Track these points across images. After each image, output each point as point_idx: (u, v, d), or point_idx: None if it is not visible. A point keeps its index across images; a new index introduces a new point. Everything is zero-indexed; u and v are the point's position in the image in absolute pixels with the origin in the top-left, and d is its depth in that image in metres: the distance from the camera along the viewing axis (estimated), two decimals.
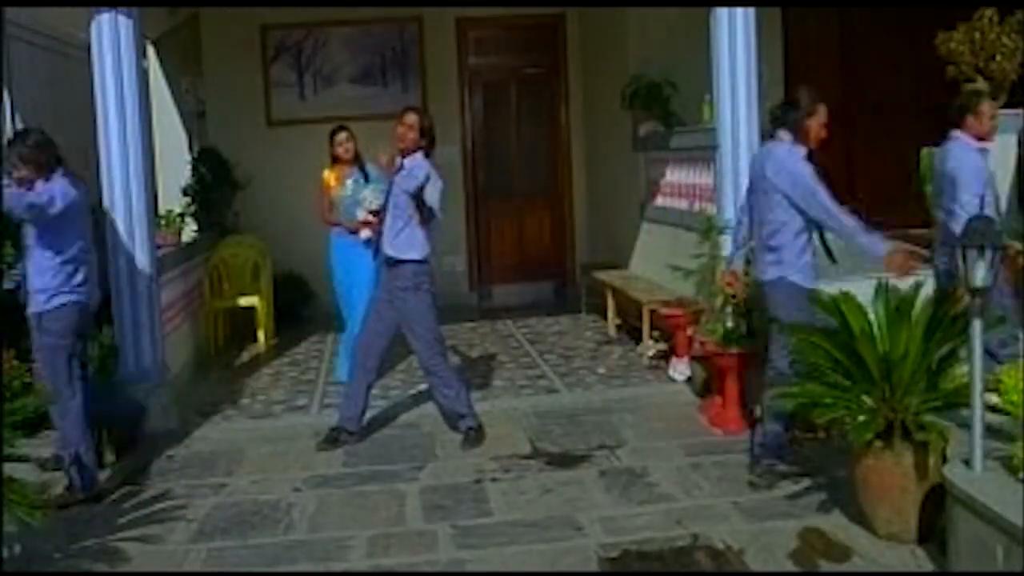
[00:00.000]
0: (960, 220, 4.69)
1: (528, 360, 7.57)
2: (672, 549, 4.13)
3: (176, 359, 6.83)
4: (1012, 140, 6.31)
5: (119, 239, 5.96)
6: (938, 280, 5.40)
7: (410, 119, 5.51)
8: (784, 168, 4.57)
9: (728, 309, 5.82)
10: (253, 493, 5.04)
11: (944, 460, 3.96)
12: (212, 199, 9.03)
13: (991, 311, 4.10)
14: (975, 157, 5.19)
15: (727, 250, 5.54)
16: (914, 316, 4.24)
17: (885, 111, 9.04)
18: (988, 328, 3.79)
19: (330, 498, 4.92)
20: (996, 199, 5.41)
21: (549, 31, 10.22)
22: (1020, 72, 6.78)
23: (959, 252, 3.72)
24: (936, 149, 5.55)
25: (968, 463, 3.65)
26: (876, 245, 4.47)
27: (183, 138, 9.98)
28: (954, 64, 6.85)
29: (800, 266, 4.61)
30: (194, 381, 7.29)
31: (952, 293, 4.40)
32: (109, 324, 5.96)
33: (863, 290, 4.50)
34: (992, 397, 3.90)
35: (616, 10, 8.66)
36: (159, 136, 9.28)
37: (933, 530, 3.98)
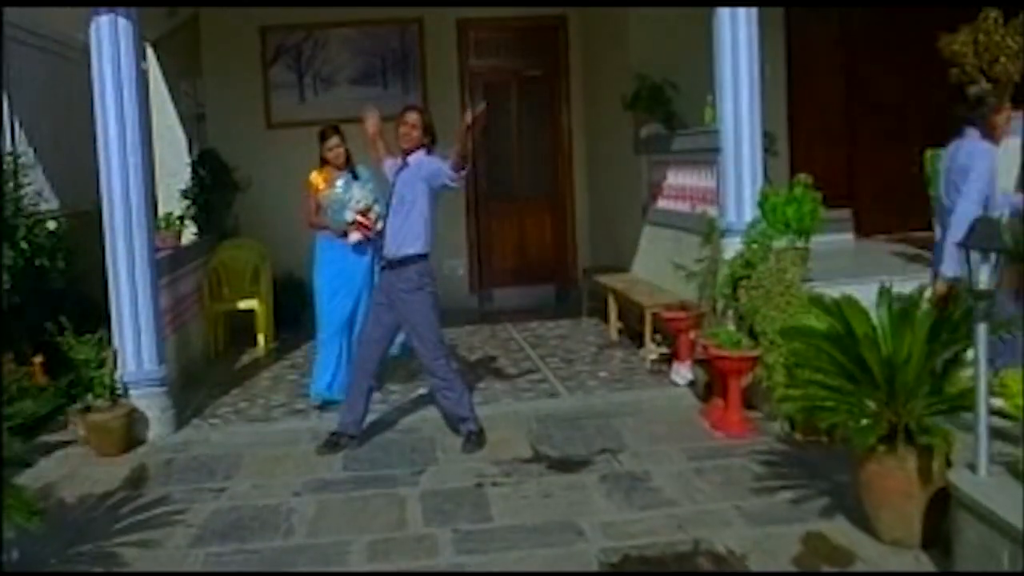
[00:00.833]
0: (961, 217, 4.68)
1: (529, 364, 7.54)
2: (674, 554, 4.10)
3: (176, 362, 6.80)
4: (1017, 143, 6.27)
5: (118, 242, 5.94)
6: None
7: (412, 118, 5.54)
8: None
9: (729, 313, 5.80)
10: (252, 497, 5.02)
11: (948, 464, 3.93)
12: (212, 202, 9.00)
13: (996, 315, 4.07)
14: (989, 156, 5.16)
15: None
16: (918, 319, 4.22)
17: (887, 112, 9.01)
18: (992, 332, 3.77)
19: (330, 502, 4.90)
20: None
21: (550, 33, 10.19)
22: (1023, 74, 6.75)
23: (962, 251, 3.69)
24: (949, 146, 5.50)
25: (973, 467, 3.64)
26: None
27: (183, 140, 9.97)
28: (957, 66, 6.80)
29: None
30: (193, 385, 7.26)
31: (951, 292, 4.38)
32: (107, 327, 5.94)
33: (866, 293, 4.47)
34: (996, 401, 3.87)
35: (617, 11, 8.63)
36: (158, 138, 9.27)
37: (937, 535, 3.95)
